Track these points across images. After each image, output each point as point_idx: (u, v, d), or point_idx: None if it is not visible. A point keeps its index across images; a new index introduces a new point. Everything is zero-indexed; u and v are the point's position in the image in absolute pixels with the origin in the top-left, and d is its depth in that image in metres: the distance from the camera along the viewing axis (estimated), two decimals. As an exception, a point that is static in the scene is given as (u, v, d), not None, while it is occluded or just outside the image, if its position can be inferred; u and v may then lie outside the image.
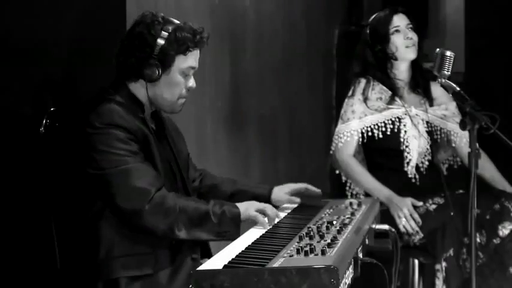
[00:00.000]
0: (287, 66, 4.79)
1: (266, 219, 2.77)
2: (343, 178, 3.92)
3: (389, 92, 3.81)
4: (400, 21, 3.83)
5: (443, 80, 3.51)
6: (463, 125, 3.26)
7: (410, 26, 3.82)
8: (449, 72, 3.54)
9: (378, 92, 3.81)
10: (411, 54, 3.81)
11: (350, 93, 3.86)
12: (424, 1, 5.02)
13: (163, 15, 2.76)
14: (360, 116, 3.79)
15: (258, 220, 2.75)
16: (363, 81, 3.84)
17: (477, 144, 3.76)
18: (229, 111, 4.20)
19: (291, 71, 4.86)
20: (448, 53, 3.57)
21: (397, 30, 3.81)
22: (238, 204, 2.74)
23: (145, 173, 2.62)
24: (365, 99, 3.80)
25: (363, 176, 3.78)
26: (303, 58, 4.98)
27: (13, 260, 2.73)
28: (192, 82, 2.79)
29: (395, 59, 3.83)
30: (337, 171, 3.91)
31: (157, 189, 2.61)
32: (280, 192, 3.16)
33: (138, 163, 2.63)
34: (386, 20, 3.84)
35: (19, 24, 2.77)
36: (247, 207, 2.74)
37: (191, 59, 2.76)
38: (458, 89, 3.41)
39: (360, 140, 3.81)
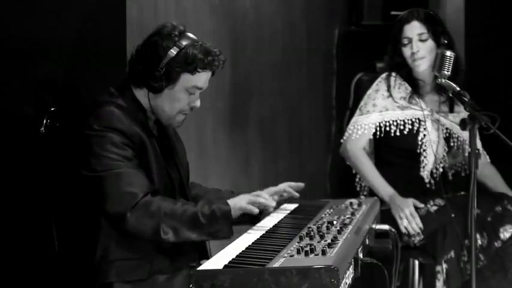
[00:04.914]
0: (287, 66, 4.79)
1: (259, 203, 2.72)
2: (354, 170, 3.88)
3: (411, 91, 3.77)
4: (410, 31, 3.70)
5: (443, 80, 3.51)
6: (463, 125, 3.27)
7: (424, 35, 3.68)
8: (449, 72, 3.54)
9: (403, 91, 3.77)
10: (418, 67, 3.71)
11: (374, 86, 3.81)
12: (424, 1, 5.01)
13: (184, 28, 2.74)
14: (381, 110, 3.75)
15: (252, 212, 2.70)
16: (389, 77, 3.79)
17: (480, 145, 3.78)
18: (229, 111, 4.20)
19: (291, 71, 4.85)
20: (448, 53, 3.57)
21: (407, 42, 3.70)
22: (229, 200, 2.71)
23: (135, 179, 2.62)
24: (388, 96, 3.76)
25: (370, 171, 3.75)
26: (303, 58, 4.98)
27: (13, 260, 2.73)
28: (196, 102, 2.78)
29: (409, 66, 3.76)
30: (347, 163, 3.87)
31: (144, 195, 2.61)
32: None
33: (130, 169, 2.62)
34: (398, 29, 3.73)
35: (19, 25, 2.77)
36: (238, 201, 2.70)
37: (198, 79, 2.73)
38: (458, 89, 3.41)
39: (378, 134, 3.77)
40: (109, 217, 2.62)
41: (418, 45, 3.68)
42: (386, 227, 3.13)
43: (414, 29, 3.70)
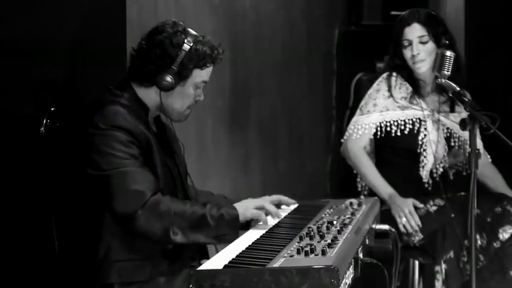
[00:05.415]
0: (287, 66, 4.79)
1: (269, 217, 2.77)
2: (355, 170, 3.88)
3: (412, 91, 3.76)
4: (411, 33, 3.68)
5: (443, 80, 3.51)
6: (463, 125, 3.26)
7: (425, 37, 3.66)
8: (449, 72, 3.54)
9: (404, 91, 3.77)
10: (419, 69, 3.69)
11: (375, 86, 3.80)
12: (424, 1, 5.00)
13: (184, 25, 2.76)
14: (381, 110, 3.74)
15: (260, 218, 2.74)
16: (390, 77, 3.77)
17: (481, 145, 3.78)
18: (229, 111, 4.20)
19: (291, 71, 4.85)
20: (448, 53, 3.56)
21: (408, 44, 3.68)
22: (236, 205, 2.73)
23: (142, 177, 2.62)
24: (389, 96, 3.75)
25: (370, 171, 3.75)
26: (303, 58, 4.98)
27: (13, 260, 2.73)
28: (201, 95, 2.83)
29: (409, 67, 3.75)
30: (348, 162, 3.86)
31: (152, 194, 2.61)
32: None
33: (137, 167, 2.62)
34: (399, 31, 3.71)
35: (20, 25, 2.77)
36: (246, 207, 2.73)
37: (206, 74, 2.78)
38: (458, 89, 3.40)
39: (379, 134, 3.77)
40: (117, 216, 2.61)
41: (419, 47, 3.68)
42: (386, 227, 3.13)
43: (415, 31, 3.69)
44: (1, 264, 2.69)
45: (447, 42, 3.68)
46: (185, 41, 2.71)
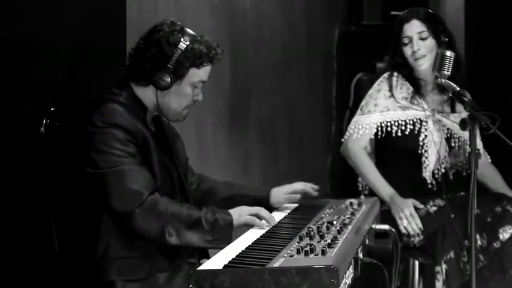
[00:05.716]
0: (287, 66, 4.79)
1: (263, 221, 2.77)
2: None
3: (413, 91, 3.76)
4: (411, 30, 3.67)
5: (443, 80, 3.51)
6: (463, 125, 3.26)
7: (425, 33, 3.65)
8: (449, 72, 3.54)
9: (405, 91, 3.77)
10: (420, 66, 3.68)
11: (375, 86, 3.79)
12: (424, 1, 5.01)
13: (182, 24, 2.77)
14: (382, 110, 3.74)
15: (254, 223, 2.75)
16: (391, 77, 3.77)
17: (481, 145, 3.78)
18: (229, 111, 4.20)
19: (291, 71, 4.86)
20: (448, 53, 3.56)
21: (408, 42, 3.68)
22: (231, 211, 2.74)
23: (140, 176, 2.62)
24: (390, 96, 3.75)
25: (370, 171, 3.74)
26: (303, 58, 4.98)
27: (13, 259, 2.73)
28: (199, 95, 2.82)
29: (410, 66, 3.75)
30: (348, 162, 3.86)
31: (150, 193, 2.61)
32: (279, 193, 3.16)
33: (134, 165, 2.63)
34: (398, 29, 3.71)
35: (19, 25, 2.77)
36: (240, 214, 2.74)
37: (203, 73, 2.78)
38: (458, 89, 3.40)
39: (379, 134, 3.76)
40: (115, 215, 2.61)
41: (419, 43, 3.67)
42: (386, 227, 3.13)
43: (414, 28, 3.69)
44: (1, 264, 2.69)
45: (447, 40, 3.68)
46: (181, 39, 2.71)
